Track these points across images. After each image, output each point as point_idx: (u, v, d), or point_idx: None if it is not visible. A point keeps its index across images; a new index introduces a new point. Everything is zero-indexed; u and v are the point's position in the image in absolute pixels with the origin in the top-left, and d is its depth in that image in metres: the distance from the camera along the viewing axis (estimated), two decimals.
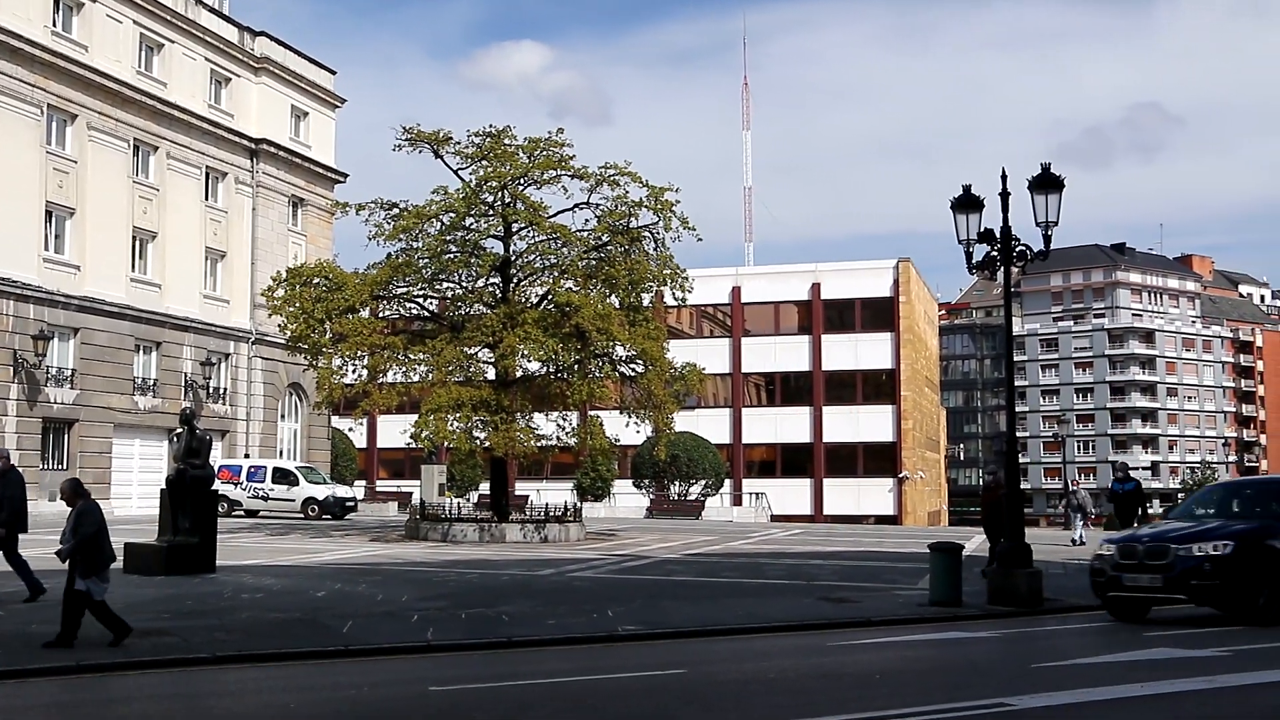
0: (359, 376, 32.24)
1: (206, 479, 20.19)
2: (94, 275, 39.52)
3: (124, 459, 40.75)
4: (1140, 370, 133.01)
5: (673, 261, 32.16)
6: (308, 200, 50.00)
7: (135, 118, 41.36)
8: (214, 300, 45.28)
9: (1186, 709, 9.30)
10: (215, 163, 45.38)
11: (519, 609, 15.52)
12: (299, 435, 49.47)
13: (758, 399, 69.00)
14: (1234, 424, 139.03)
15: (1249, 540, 14.60)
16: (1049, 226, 17.76)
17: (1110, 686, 9.96)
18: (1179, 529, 15.39)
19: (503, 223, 31.70)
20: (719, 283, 66.22)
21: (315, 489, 41.80)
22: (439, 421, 29.48)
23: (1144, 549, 14.84)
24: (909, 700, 9.30)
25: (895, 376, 65.35)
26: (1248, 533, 14.80)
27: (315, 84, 51.01)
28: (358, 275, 31.75)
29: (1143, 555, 14.75)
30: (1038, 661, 11.29)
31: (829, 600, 17.19)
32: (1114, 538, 15.43)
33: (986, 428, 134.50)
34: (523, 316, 30.13)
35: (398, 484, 61.09)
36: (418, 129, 31.79)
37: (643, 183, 31.07)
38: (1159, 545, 14.78)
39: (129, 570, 19.24)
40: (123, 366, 40.53)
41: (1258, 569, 14.30)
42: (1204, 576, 14.27)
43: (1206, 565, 14.26)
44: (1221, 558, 14.25)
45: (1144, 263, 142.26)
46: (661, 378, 31.49)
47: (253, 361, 46.63)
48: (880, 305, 66.03)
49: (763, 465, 67.56)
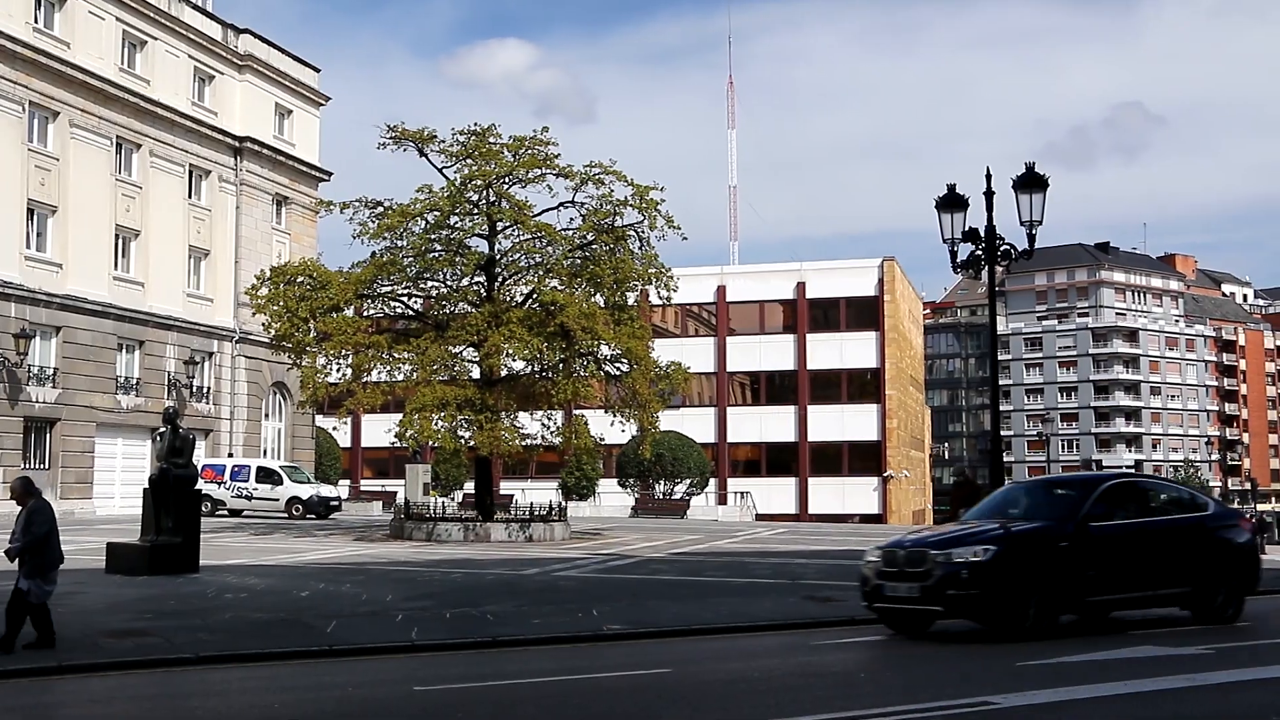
0: (343, 375, 32.14)
1: (190, 478, 20.11)
2: (76, 273, 39.32)
3: (107, 458, 40.56)
4: (1124, 369, 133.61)
5: (658, 260, 32.14)
6: (292, 198, 49.84)
7: (118, 115, 41.16)
8: (197, 299, 45.10)
9: (1168, 707, 9.33)
10: (199, 161, 45.19)
11: (504, 608, 15.50)
12: (283, 434, 49.31)
13: (743, 398, 69.06)
14: (1217, 423, 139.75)
15: (1017, 544, 13.11)
16: (1033, 226, 17.84)
17: (1094, 685, 9.99)
18: (948, 532, 14.00)
19: (487, 221, 31.64)
20: (704, 282, 66.25)
21: (299, 488, 41.66)
22: (424, 420, 29.42)
23: (904, 555, 13.25)
24: (893, 699, 9.32)
25: (880, 375, 65.49)
26: (1017, 536, 13.32)
27: (299, 82, 50.84)
28: (342, 274, 31.65)
29: (903, 562, 13.15)
30: (1022, 660, 11.31)
31: (814, 599, 17.19)
32: (882, 543, 14.06)
33: (971, 426, 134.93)
34: (507, 315, 30.07)
35: (382, 483, 60.95)
36: (402, 127, 31.72)
37: (628, 181, 31.05)
38: (918, 551, 13.19)
39: (111, 570, 19.18)
40: (105, 365, 40.33)
41: (1025, 577, 12.77)
42: (961, 586, 12.63)
43: (964, 573, 12.63)
44: (981, 565, 12.63)
45: (1128, 262, 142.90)
46: (646, 377, 31.47)
47: (236, 360, 46.46)
48: (865, 304, 66.17)
49: (748, 464, 67.62)
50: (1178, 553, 14.00)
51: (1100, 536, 13.40)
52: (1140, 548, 13.70)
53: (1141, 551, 13.68)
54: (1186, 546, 14.10)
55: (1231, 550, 14.49)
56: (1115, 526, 13.68)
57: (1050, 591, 12.87)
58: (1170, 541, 14.03)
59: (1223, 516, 15.07)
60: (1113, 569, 13.44)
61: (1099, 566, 13.30)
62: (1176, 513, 14.72)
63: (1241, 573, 14.57)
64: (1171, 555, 13.95)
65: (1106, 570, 13.37)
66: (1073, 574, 13.06)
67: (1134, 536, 13.75)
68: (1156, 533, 14.01)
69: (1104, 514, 13.68)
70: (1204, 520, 14.59)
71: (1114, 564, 13.46)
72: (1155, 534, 13.98)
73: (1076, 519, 13.42)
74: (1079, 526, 13.32)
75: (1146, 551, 13.72)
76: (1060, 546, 13.09)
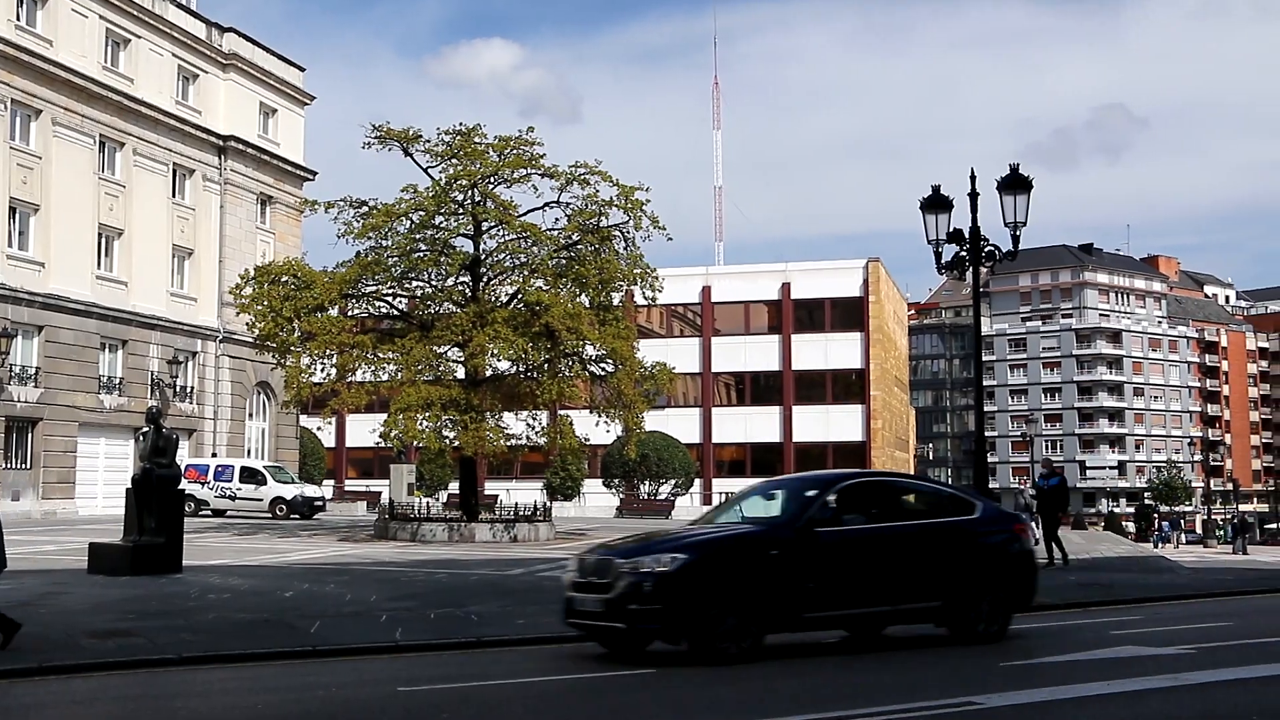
0: (327, 375, 32.08)
1: (173, 478, 20.02)
2: (59, 272, 39.12)
3: (89, 458, 40.37)
4: (1107, 370, 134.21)
5: (643, 261, 32.17)
6: (276, 198, 49.68)
7: (101, 114, 40.96)
8: (181, 298, 44.92)
9: (1152, 706, 9.37)
10: (182, 160, 45.01)
11: (488, 608, 15.47)
12: (267, 434, 49.16)
13: (728, 398, 69.11)
14: (1199, 423, 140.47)
15: (714, 552, 11.52)
16: (1017, 227, 17.90)
17: (1076, 685, 10.02)
18: (651, 538, 12.36)
19: (472, 221, 31.61)
20: (689, 282, 66.27)
21: (283, 488, 41.54)
22: (408, 421, 29.38)
23: (591, 564, 11.73)
24: (877, 698, 9.33)
25: (865, 376, 65.61)
26: (715, 542, 11.81)
27: (284, 81, 50.68)
28: (326, 274, 31.59)
29: (590, 571, 11.64)
30: (1005, 660, 11.35)
31: None
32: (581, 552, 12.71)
33: (955, 427, 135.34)
34: (492, 315, 30.05)
35: (366, 483, 60.84)
36: (387, 127, 31.68)
37: (613, 182, 31.07)
38: (605, 560, 11.61)
39: (94, 570, 19.08)
40: (88, 365, 40.14)
41: (721, 590, 11.11)
42: (643, 599, 10.98)
43: (647, 585, 10.98)
44: (667, 576, 10.99)
45: (1111, 263, 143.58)
46: (631, 377, 31.50)
47: (220, 360, 46.29)
48: (850, 305, 66.28)
49: (733, 465, 67.66)
50: (929, 562, 12.39)
51: (830, 543, 11.81)
52: (879, 556, 12.13)
53: (881, 560, 12.13)
54: (942, 555, 12.48)
55: (998, 559, 12.89)
56: (850, 532, 12.12)
57: (754, 607, 11.20)
58: (921, 549, 12.41)
59: (992, 521, 13.24)
60: (841, 580, 11.84)
61: (822, 577, 11.69)
62: (933, 516, 13.06)
63: (1009, 585, 12.89)
64: (920, 564, 12.32)
65: (832, 582, 11.76)
66: (786, 586, 11.38)
67: (872, 543, 12.20)
68: (903, 538, 12.42)
69: (834, 517, 12.09)
70: (966, 525, 12.86)
71: (843, 574, 11.87)
72: (901, 540, 12.39)
73: (796, 523, 11.86)
74: (799, 531, 11.72)
75: (888, 560, 12.16)
76: (771, 555, 11.43)
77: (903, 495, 13.68)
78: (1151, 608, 17.94)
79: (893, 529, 12.49)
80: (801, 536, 11.70)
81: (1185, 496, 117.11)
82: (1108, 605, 17.95)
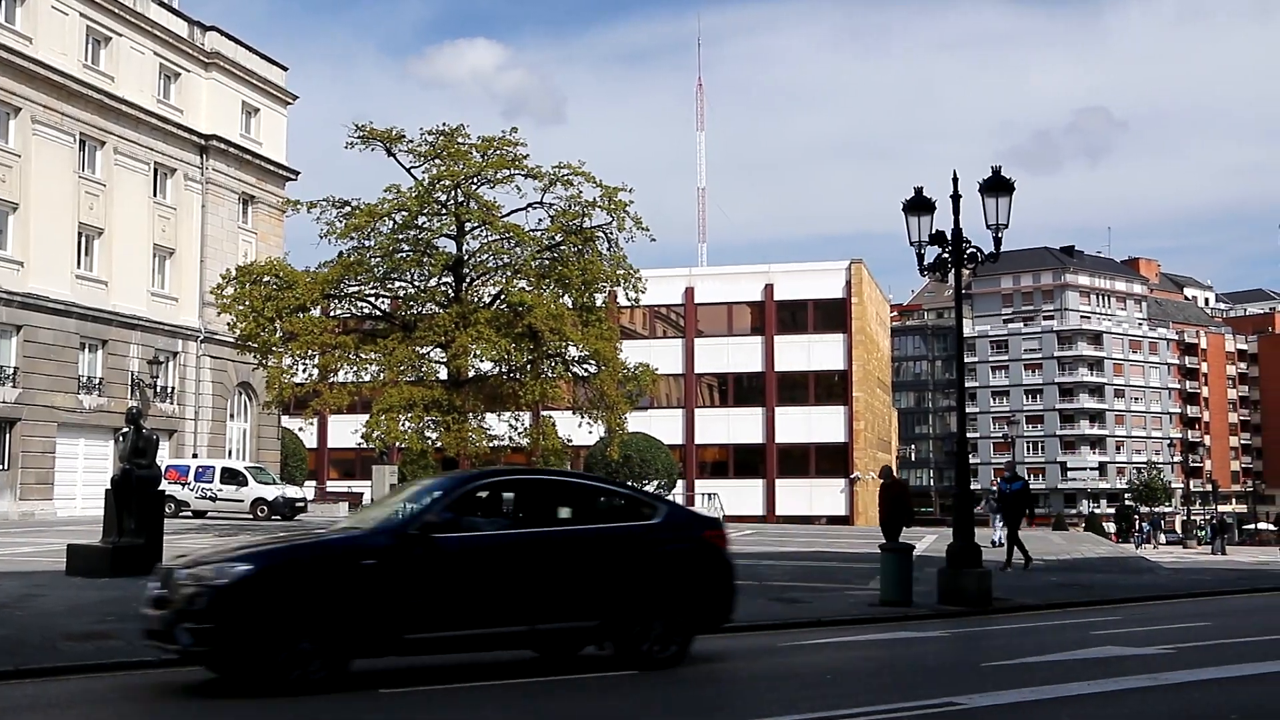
0: (309, 376, 31.96)
1: (153, 479, 19.90)
2: (38, 272, 38.88)
3: (68, 459, 40.15)
4: (1088, 372, 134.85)
5: (626, 262, 32.14)
6: (258, 197, 49.49)
7: (82, 112, 40.74)
8: (162, 298, 44.71)
9: (1131, 706, 9.41)
10: (164, 159, 44.80)
11: None
12: (248, 435, 48.96)
13: (710, 400, 69.17)
14: (1179, 425, 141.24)
15: (285, 563, 9.92)
16: (999, 229, 17.93)
17: (1057, 685, 10.05)
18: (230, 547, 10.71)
19: (455, 222, 31.53)
20: (672, 283, 66.32)
21: (264, 489, 41.38)
22: (390, 421, 29.29)
23: (162, 574, 10.23)
24: (859, 700, 9.34)
25: (847, 377, 65.76)
26: (287, 552, 10.22)
27: (266, 80, 50.49)
28: (309, 274, 31.46)
29: (161, 584, 10.03)
30: (987, 661, 11.37)
31: (781, 601, 17.23)
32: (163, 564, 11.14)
33: (938, 428, 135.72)
34: (475, 316, 29.98)
35: (348, 484, 60.65)
36: (370, 127, 31.57)
37: (596, 183, 31.04)
38: (169, 569, 10.16)
39: (72, 572, 18.94)
40: (67, 365, 39.91)
41: (292, 607, 9.47)
42: (197, 618, 9.43)
43: (201, 601, 9.44)
44: (224, 590, 9.40)
45: (1092, 266, 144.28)
46: (614, 378, 31.46)
47: (201, 360, 46.09)
48: (832, 306, 66.44)
49: (715, 466, 67.73)
50: (585, 575, 10.71)
51: (450, 552, 10.16)
52: (517, 567, 10.41)
53: (517, 573, 10.40)
54: (603, 566, 10.79)
55: (679, 572, 11.11)
56: (477, 539, 10.56)
57: (338, 627, 9.56)
58: (574, 559, 10.73)
59: (677, 528, 11.53)
60: (459, 596, 10.15)
61: (434, 592, 10.02)
62: (599, 521, 11.35)
63: (691, 602, 11.09)
64: (572, 578, 10.65)
65: (447, 597, 10.08)
66: (383, 603, 9.77)
67: (507, 552, 10.48)
68: (551, 547, 10.67)
69: (454, 523, 10.37)
70: (640, 532, 11.18)
71: (463, 589, 10.18)
72: (547, 549, 10.64)
73: (405, 528, 10.21)
74: (404, 539, 10.07)
75: (527, 573, 10.43)
76: (364, 566, 9.81)
77: (564, 498, 11.50)
78: (1131, 608, 18.04)
79: (537, 536, 10.67)
80: (407, 544, 10.02)
81: (1165, 497, 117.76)
82: (1088, 606, 18.04)
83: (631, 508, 11.64)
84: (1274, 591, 23.12)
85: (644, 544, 11.10)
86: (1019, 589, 19.40)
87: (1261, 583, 25.06)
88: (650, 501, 11.97)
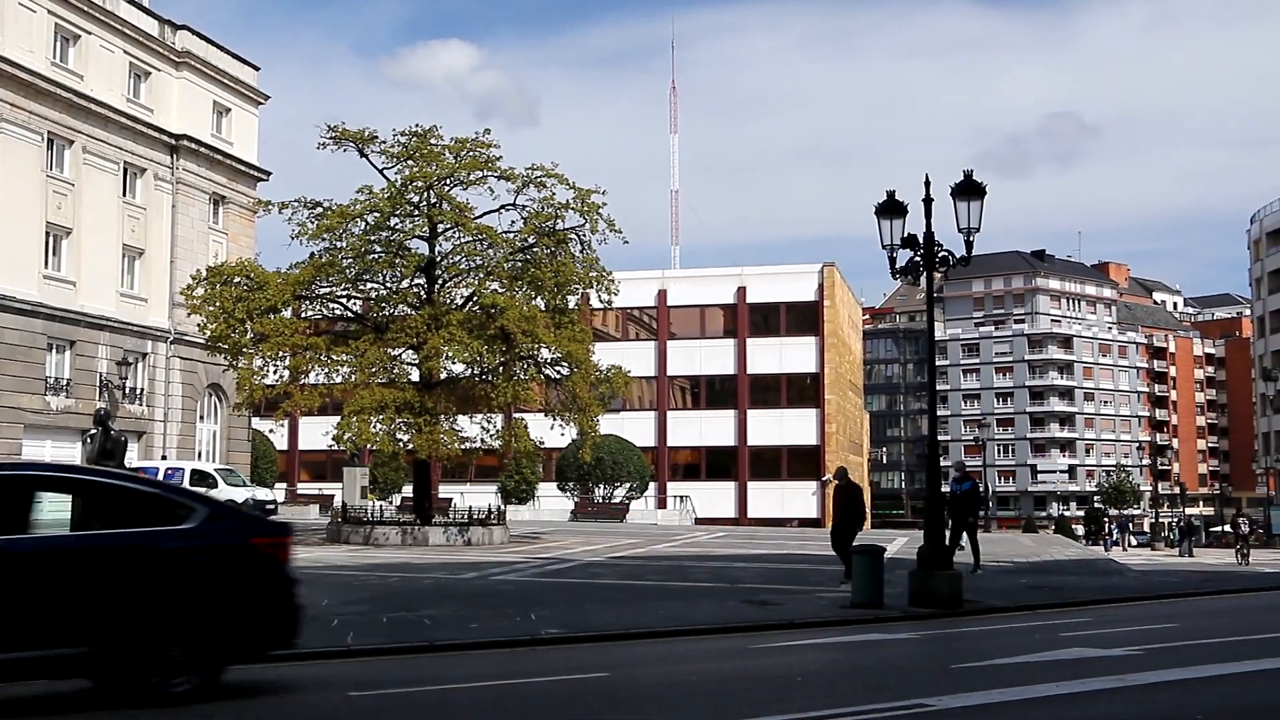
0: (280, 377, 31.83)
1: None
2: (3, 271, 38.46)
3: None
4: (1059, 375, 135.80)
5: (599, 264, 32.18)
6: (229, 198, 49.17)
7: (50, 110, 40.35)
8: (131, 299, 44.34)
9: (1099, 708, 9.48)
10: (134, 158, 44.44)
11: (441, 612, 15.39)
12: (218, 437, 48.63)
13: (683, 402, 69.23)
14: (1148, 428, 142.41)
15: None
16: (971, 233, 18.03)
17: (1026, 686, 10.12)
18: None
19: (428, 223, 31.46)
20: (645, 285, 66.37)
21: (234, 491, 40.98)
22: (362, 423, 29.20)
23: None
24: (830, 702, 9.37)
25: (819, 380, 65.97)
26: None
27: (238, 80, 50.18)
28: (280, 275, 31.33)
29: None
30: (957, 662, 11.43)
31: (752, 603, 17.27)
32: None
33: (909, 431, 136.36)
34: (447, 318, 29.93)
35: (319, 486, 60.36)
36: (342, 127, 31.49)
37: (569, 185, 31.06)
38: None
39: None
40: (34, 365, 39.52)
41: None
42: None
43: None
44: None
45: (1062, 270, 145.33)
46: (586, 380, 31.47)
47: (171, 361, 45.74)
48: (805, 309, 66.64)
49: (687, 468, 67.80)
50: (66, 593, 8.79)
51: None
52: None
53: None
54: (99, 581, 8.88)
55: (210, 586, 9.28)
56: None
57: None
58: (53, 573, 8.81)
59: (216, 535, 9.58)
60: None
61: None
62: (105, 526, 9.29)
63: (226, 623, 9.28)
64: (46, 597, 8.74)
65: None
66: None
67: None
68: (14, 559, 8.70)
69: None
70: (163, 540, 9.31)
71: None
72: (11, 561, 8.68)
73: None
74: None
75: None
76: None
77: (50, 498, 9.46)
78: (1101, 610, 18.17)
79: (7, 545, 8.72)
80: None
81: (1134, 500, 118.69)
82: (1058, 608, 18.16)
83: (160, 509, 9.64)
84: (1241, 593, 23.38)
85: (161, 553, 9.22)
86: (989, 591, 19.51)
87: (1228, 584, 25.33)
88: (186, 503, 9.85)
